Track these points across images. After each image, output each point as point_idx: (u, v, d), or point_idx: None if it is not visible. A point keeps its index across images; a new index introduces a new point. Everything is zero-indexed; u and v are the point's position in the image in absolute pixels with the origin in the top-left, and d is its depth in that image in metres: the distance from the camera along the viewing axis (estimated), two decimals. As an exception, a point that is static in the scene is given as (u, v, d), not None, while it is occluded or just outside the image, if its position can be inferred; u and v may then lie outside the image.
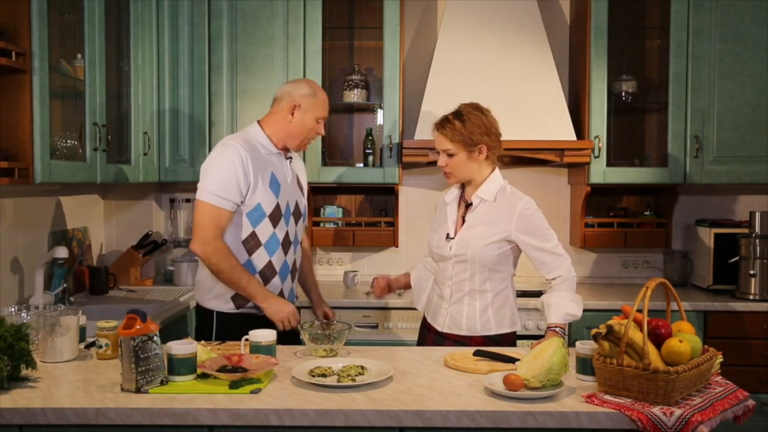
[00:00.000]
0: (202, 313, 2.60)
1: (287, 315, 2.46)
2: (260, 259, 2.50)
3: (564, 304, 2.35)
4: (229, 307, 2.53)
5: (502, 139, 2.48)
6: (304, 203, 2.71)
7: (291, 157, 2.65)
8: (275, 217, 2.51)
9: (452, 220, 2.51)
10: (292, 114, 2.55)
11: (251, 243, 2.49)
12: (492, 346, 2.40)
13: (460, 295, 2.46)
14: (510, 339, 2.48)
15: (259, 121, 2.61)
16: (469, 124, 2.38)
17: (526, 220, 2.38)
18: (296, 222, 2.63)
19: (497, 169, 2.49)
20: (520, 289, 3.32)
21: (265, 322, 2.43)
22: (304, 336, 2.27)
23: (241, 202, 2.44)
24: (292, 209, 2.59)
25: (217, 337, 2.54)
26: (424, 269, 2.73)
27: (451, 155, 2.42)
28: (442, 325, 2.51)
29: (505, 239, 2.40)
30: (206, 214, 2.41)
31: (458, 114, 2.42)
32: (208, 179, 2.43)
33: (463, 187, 2.53)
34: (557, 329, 2.33)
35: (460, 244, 2.43)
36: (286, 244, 2.57)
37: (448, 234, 2.49)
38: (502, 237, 2.39)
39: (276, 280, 2.55)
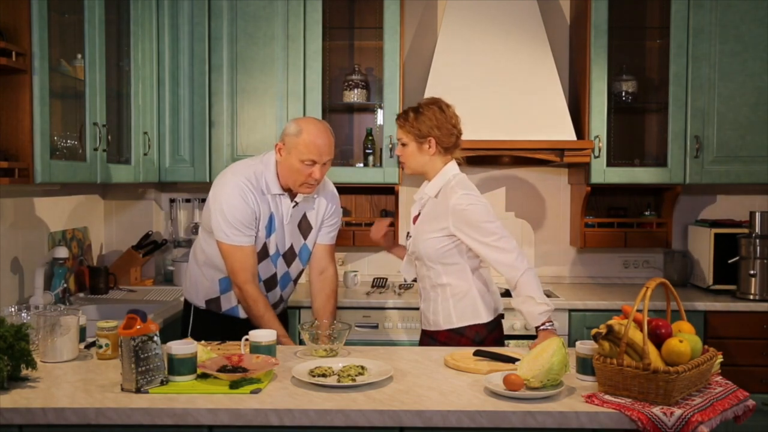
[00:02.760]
0: (185, 303, 2.73)
1: None
2: None
3: (531, 309, 2.33)
4: (203, 307, 2.63)
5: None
6: (302, 244, 2.63)
7: (297, 202, 2.55)
8: (260, 255, 2.52)
9: (412, 218, 2.58)
10: (280, 153, 2.45)
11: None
12: (456, 339, 2.44)
13: (426, 292, 2.53)
14: (476, 331, 2.44)
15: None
16: (422, 117, 2.44)
17: (459, 215, 2.37)
18: (288, 264, 2.61)
19: (450, 164, 2.49)
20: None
21: (241, 323, 2.48)
22: (304, 336, 2.27)
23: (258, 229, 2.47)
24: (282, 251, 2.57)
25: (193, 329, 2.63)
26: None
27: (404, 145, 2.49)
28: (420, 321, 2.61)
29: (447, 235, 2.40)
30: (231, 257, 2.45)
31: (416, 107, 2.49)
32: (221, 218, 2.42)
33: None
34: (545, 327, 2.33)
35: (413, 242, 2.52)
36: (270, 282, 2.60)
37: (408, 233, 2.60)
38: (443, 233, 2.41)
39: None
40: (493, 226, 2.36)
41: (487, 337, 2.46)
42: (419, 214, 2.54)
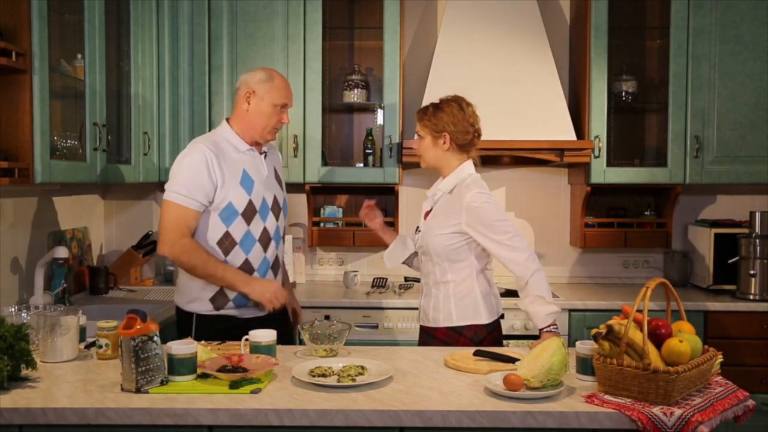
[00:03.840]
0: (182, 315, 2.57)
1: (272, 295, 2.44)
2: (237, 257, 2.47)
3: (540, 309, 2.33)
4: (208, 309, 2.50)
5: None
6: (283, 196, 2.66)
7: (266, 152, 2.60)
8: (249, 213, 2.47)
9: (424, 213, 2.60)
10: (248, 102, 2.50)
11: (226, 243, 2.46)
12: (455, 337, 2.45)
13: (428, 288, 2.54)
14: (475, 331, 2.45)
15: (227, 119, 2.58)
16: (440, 113, 2.49)
17: (473, 213, 2.39)
18: (276, 217, 2.57)
19: (467, 163, 2.52)
20: (511, 288, 3.30)
21: (248, 326, 2.40)
22: (304, 336, 2.27)
23: (209, 202, 2.42)
24: (270, 204, 2.54)
25: (197, 339, 2.48)
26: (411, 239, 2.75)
27: (420, 137, 2.54)
28: (419, 317, 2.62)
29: (458, 232, 2.42)
30: (171, 214, 2.40)
31: (437, 103, 2.53)
32: (174, 180, 2.43)
33: None
34: (549, 329, 2.34)
35: (422, 237, 2.53)
36: (264, 239, 2.52)
37: (417, 227, 2.62)
38: (454, 230, 2.42)
39: (255, 276, 2.51)
40: (506, 224, 2.39)
41: (485, 338, 2.46)
42: (431, 209, 2.56)
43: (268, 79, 2.50)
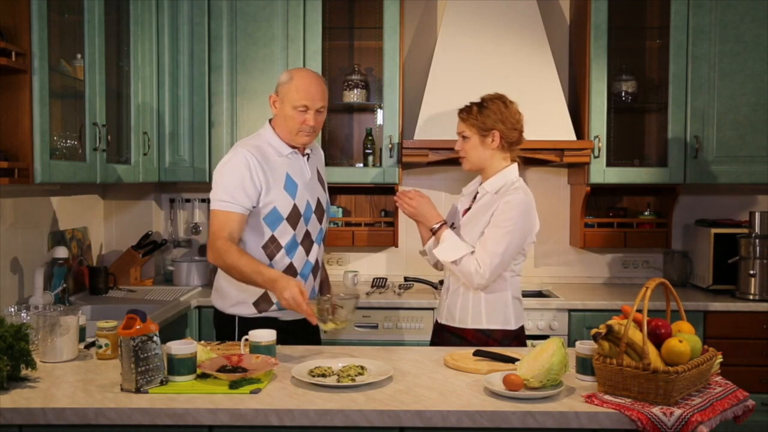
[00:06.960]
0: (223, 318, 2.53)
1: (289, 298, 2.18)
2: (281, 261, 2.45)
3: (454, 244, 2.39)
4: (251, 312, 2.47)
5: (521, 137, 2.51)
6: (326, 198, 2.63)
7: (308, 154, 2.56)
8: (293, 218, 2.44)
9: (461, 211, 2.55)
10: (275, 105, 2.47)
11: (271, 247, 2.44)
12: (484, 339, 2.42)
13: (456, 287, 2.49)
14: (504, 335, 2.43)
15: (270, 120, 2.54)
16: (486, 111, 2.44)
17: (502, 206, 2.36)
18: (320, 220, 2.55)
19: (513, 167, 2.48)
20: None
21: (290, 327, 2.40)
22: (313, 308, 2.19)
23: (253, 206, 2.38)
24: (313, 207, 2.52)
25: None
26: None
27: (465, 138, 2.47)
28: (440, 316, 2.56)
29: None
30: (215, 222, 2.36)
31: (479, 102, 2.48)
32: (217, 187, 2.39)
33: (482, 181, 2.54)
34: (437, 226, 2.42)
35: (458, 234, 2.47)
36: (306, 243, 2.51)
37: (452, 224, 2.54)
38: None
39: (297, 279, 2.46)
40: (508, 238, 2.34)
41: (512, 342, 2.44)
42: (469, 207, 2.51)
43: (288, 80, 2.43)
